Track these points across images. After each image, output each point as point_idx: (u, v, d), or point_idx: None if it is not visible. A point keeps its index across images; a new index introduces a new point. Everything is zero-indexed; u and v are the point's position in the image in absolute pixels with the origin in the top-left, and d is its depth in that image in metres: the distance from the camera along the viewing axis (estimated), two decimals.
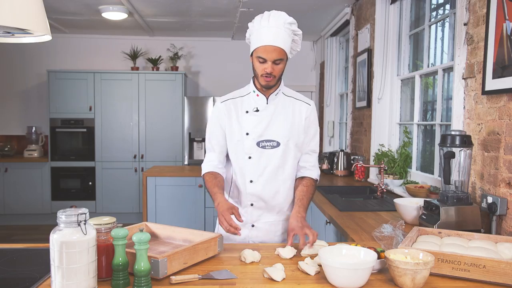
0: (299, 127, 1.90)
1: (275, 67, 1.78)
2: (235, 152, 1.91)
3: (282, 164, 1.88)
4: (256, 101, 1.90)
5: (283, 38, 1.76)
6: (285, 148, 1.87)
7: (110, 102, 5.94)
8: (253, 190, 1.89)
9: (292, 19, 1.80)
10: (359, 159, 4.06)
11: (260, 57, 1.77)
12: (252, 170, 1.88)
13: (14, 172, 5.85)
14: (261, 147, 1.87)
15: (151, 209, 4.39)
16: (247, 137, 1.87)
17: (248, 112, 1.90)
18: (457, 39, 2.40)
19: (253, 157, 1.87)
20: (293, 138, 1.89)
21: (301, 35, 1.85)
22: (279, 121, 1.88)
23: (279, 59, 1.77)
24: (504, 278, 1.32)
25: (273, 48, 1.74)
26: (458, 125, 2.39)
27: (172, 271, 1.38)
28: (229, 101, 1.94)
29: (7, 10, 1.11)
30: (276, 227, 1.93)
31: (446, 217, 1.94)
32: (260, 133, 1.87)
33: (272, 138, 1.87)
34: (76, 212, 1.19)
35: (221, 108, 1.93)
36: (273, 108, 1.90)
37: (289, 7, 4.89)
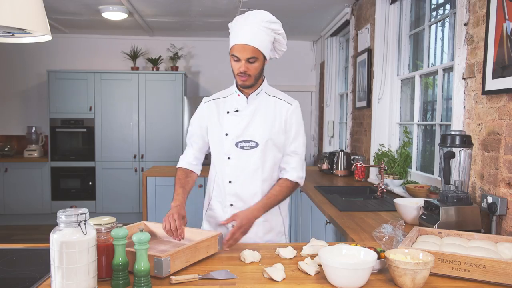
0: (279, 127, 1.88)
1: (249, 66, 1.77)
2: (216, 152, 1.94)
3: (260, 165, 1.87)
4: (237, 101, 1.91)
5: (257, 37, 1.75)
6: (263, 148, 1.86)
7: (110, 102, 5.94)
8: (232, 190, 1.90)
9: (273, 18, 1.79)
10: (359, 159, 4.06)
11: (234, 56, 1.78)
12: (231, 171, 1.88)
13: (14, 172, 5.85)
14: (239, 148, 1.87)
15: (151, 209, 4.38)
16: (226, 137, 1.88)
17: (228, 112, 1.90)
18: (457, 39, 2.40)
19: (232, 157, 1.88)
20: (272, 139, 1.87)
21: (283, 34, 1.84)
22: (258, 121, 1.87)
23: (253, 58, 1.76)
24: (504, 278, 1.32)
25: (246, 47, 1.74)
26: (458, 125, 2.39)
27: (175, 270, 1.39)
28: (212, 101, 1.96)
29: (7, 10, 1.11)
30: (256, 228, 1.89)
31: (446, 217, 1.94)
32: (238, 133, 1.87)
33: (250, 139, 1.86)
34: (76, 212, 1.19)
35: (203, 108, 1.97)
36: (253, 108, 1.89)
37: (289, 7, 4.89)
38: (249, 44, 1.74)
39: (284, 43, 1.87)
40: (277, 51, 1.90)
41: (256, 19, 1.76)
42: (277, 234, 1.98)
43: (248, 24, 1.75)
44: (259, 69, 1.81)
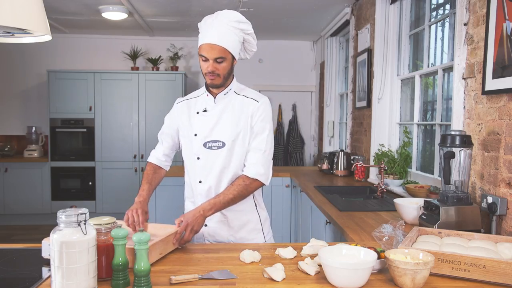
0: (246, 126, 1.87)
1: (217, 65, 1.78)
2: (186, 153, 1.96)
3: (227, 165, 1.87)
4: (206, 101, 1.92)
5: (225, 37, 1.76)
6: (230, 148, 1.86)
7: (110, 102, 5.94)
8: (202, 190, 1.91)
9: (242, 18, 1.80)
10: (359, 159, 4.06)
11: (201, 55, 1.79)
12: (200, 171, 1.90)
13: (14, 172, 5.85)
14: (207, 148, 1.88)
15: (151, 209, 4.38)
16: (195, 138, 1.90)
17: (198, 113, 1.92)
18: (457, 39, 2.40)
19: (201, 157, 1.90)
20: (239, 138, 1.86)
21: (253, 35, 1.85)
22: (225, 121, 1.87)
23: (221, 58, 1.77)
24: (504, 278, 1.32)
25: (214, 47, 1.75)
26: (458, 125, 2.39)
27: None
28: (184, 102, 1.99)
29: (7, 10, 1.11)
30: (228, 225, 1.92)
31: (446, 217, 1.94)
32: (206, 134, 1.88)
33: (217, 139, 1.87)
34: (76, 212, 1.19)
35: (175, 109, 2.01)
36: (220, 108, 1.89)
37: (289, 7, 4.89)
38: (216, 44, 1.75)
39: (254, 44, 1.89)
40: (247, 51, 1.92)
41: (225, 19, 1.77)
42: (251, 231, 1.96)
43: (216, 24, 1.76)
44: (228, 68, 1.82)
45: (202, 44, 1.78)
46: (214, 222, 1.92)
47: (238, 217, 1.93)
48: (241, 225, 1.94)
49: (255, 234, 1.97)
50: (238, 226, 1.94)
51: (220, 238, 1.93)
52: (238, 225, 1.94)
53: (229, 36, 1.77)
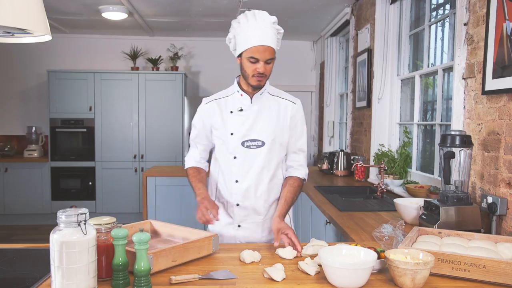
0: (284, 126, 1.90)
1: (266, 66, 1.78)
2: (220, 152, 1.92)
3: (267, 164, 1.88)
4: (241, 100, 1.90)
5: (271, 37, 1.76)
6: (270, 147, 1.87)
7: (110, 102, 5.94)
8: (238, 190, 1.89)
9: (275, 18, 1.81)
10: (359, 159, 4.06)
11: (252, 57, 1.76)
12: (238, 170, 1.88)
13: (14, 172, 5.85)
14: (246, 147, 1.87)
15: (151, 209, 4.38)
16: (231, 137, 1.88)
17: (232, 112, 1.90)
18: (457, 39, 2.40)
19: (238, 157, 1.88)
20: (278, 137, 1.88)
21: (282, 34, 1.85)
22: (263, 120, 1.88)
23: (271, 59, 1.78)
24: (504, 278, 1.32)
25: (265, 48, 1.74)
26: (458, 125, 2.39)
27: (159, 268, 1.40)
28: (213, 102, 1.95)
29: (7, 10, 1.11)
30: (262, 226, 1.93)
31: (446, 217, 1.94)
32: (244, 132, 1.87)
33: (256, 138, 1.87)
34: (76, 212, 1.19)
35: (205, 109, 1.95)
36: (257, 107, 1.89)
37: (289, 7, 4.89)
38: (268, 45, 1.74)
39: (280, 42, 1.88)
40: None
41: (267, 20, 1.77)
42: None
43: (261, 26, 1.75)
44: (272, 69, 1.83)
45: (253, 46, 1.74)
46: (249, 224, 1.92)
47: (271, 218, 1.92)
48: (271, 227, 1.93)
49: None
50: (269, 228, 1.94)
51: (253, 239, 1.92)
52: (269, 228, 1.94)
53: (274, 36, 1.78)
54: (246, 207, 1.90)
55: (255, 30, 1.74)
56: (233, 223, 1.93)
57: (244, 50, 1.78)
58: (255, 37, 1.74)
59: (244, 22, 1.78)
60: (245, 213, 1.91)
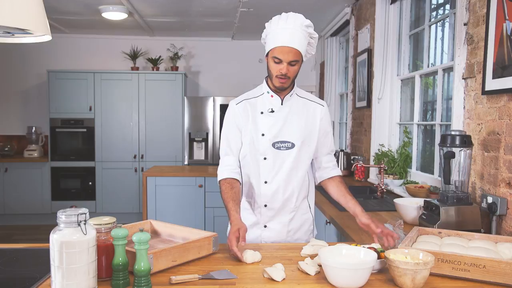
0: (314, 128, 1.91)
1: (290, 68, 1.77)
2: (249, 153, 1.90)
3: (296, 165, 1.88)
4: (271, 102, 1.90)
5: (299, 39, 1.75)
6: (299, 149, 1.87)
7: (110, 102, 5.94)
8: (267, 191, 1.89)
9: (310, 22, 1.80)
10: (359, 159, 4.05)
11: (276, 58, 1.76)
12: (267, 171, 1.87)
13: (14, 172, 5.85)
14: (276, 148, 1.87)
15: (151, 209, 4.38)
16: (262, 137, 1.87)
17: (263, 113, 1.89)
18: (457, 39, 2.40)
19: (268, 158, 1.87)
20: (307, 140, 1.89)
21: (317, 38, 1.85)
22: (294, 122, 1.88)
23: (295, 61, 1.77)
24: (504, 278, 1.32)
25: (289, 49, 1.74)
26: (458, 125, 2.39)
27: (159, 268, 1.40)
28: (244, 102, 1.93)
29: (7, 10, 1.11)
30: (288, 227, 1.93)
31: (446, 217, 1.94)
32: (275, 134, 1.86)
33: (287, 139, 1.87)
34: (76, 212, 1.19)
35: (236, 109, 1.91)
36: (287, 109, 1.89)
37: (289, 7, 4.88)
38: (293, 47, 1.74)
39: (315, 47, 1.88)
40: (306, 54, 1.90)
41: (297, 22, 1.77)
42: (306, 232, 1.98)
43: (289, 27, 1.75)
44: (297, 71, 1.82)
45: (277, 46, 1.74)
46: (275, 224, 1.91)
47: (297, 218, 1.94)
48: (299, 226, 1.95)
49: (308, 235, 1.99)
50: (296, 227, 1.95)
51: (278, 239, 1.92)
52: (296, 227, 1.95)
53: (303, 40, 1.77)
54: (274, 208, 1.90)
55: (283, 30, 1.75)
56: (259, 223, 1.92)
57: (270, 50, 1.78)
58: (281, 38, 1.74)
59: (276, 22, 1.79)
60: (272, 213, 1.91)
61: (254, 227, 1.93)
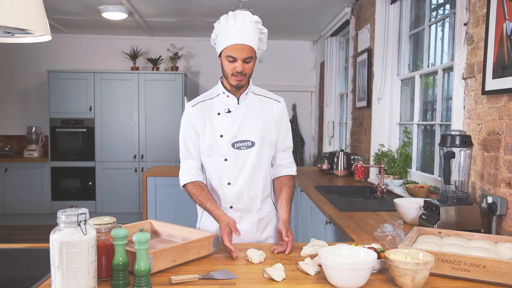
0: (271, 125, 1.90)
1: (245, 65, 1.78)
2: (210, 155, 1.88)
3: (258, 164, 1.88)
4: (227, 102, 1.89)
5: (251, 36, 1.76)
6: (260, 147, 1.87)
7: (110, 102, 5.94)
8: (231, 192, 1.88)
9: (258, 17, 1.80)
10: (359, 159, 4.05)
11: (230, 56, 1.76)
12: (229, 172, 1.87)
13: (14, 172, 5.85)
14: (236, 148, 1.86)
15: (151, 209, 4.38)
16: (221, 139, 1.85)
17: (219, 114, 1.88)
18: (457, 39, 2.40)
19: (229, 159, 1.86)
20: (267, 137, 1.88)
21: (266, 34, 1.84)
22: (252, 120, 1.87)
23: (249, 57, 1.77)
24: (504, 278, 1.32)
25: (243, 47, 1.74)
26: (458, 125, 2.39)
27: (159, 268, 1.40)
28: (200, 104, 1.91)
29: (7, 10, 1.11)
30: (257, 226, 1.93)
31: (446, 217, 1.94)
32: (234, 134, 1.86)
33: (246, 138, 1.86)
34: (76, 212, 1.19)
35: (192, 112, 1.90)
36: (244, 108, 1.88)
37: (289, 7, 4.89)
38: (246, 44, 1.74)
39: (265, 42, 1.88)
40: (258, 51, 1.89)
41: (246, 19, 1.77)
42: (274, 229, 1.97)
43: (239, 24, 1.75)
44: (252, 68, 1.83)
45: (230, 45, 1.74)
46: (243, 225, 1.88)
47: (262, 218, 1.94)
48: (265, 225, 1.96)
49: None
50: (263, 226, 1.96)
51: (249, 239, 1.91)
52: (263, 226, 1.95)
53: (254, 36, 1.77)
54: (240, 209, 1.89)
55: (233, 28, 1.75)
56: None
57: (223, 49, 1.78)
58: (232, 36, 1.74)
59: (224, 22, 1.79)
60: (239, 214, 1.89)
61: None
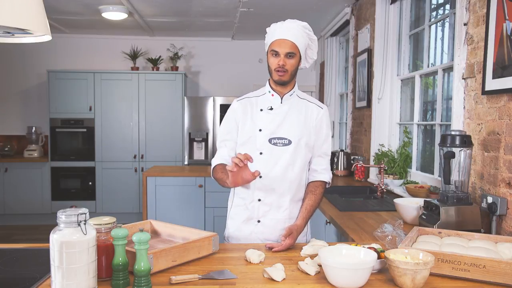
0: (310, 128, 1.93)
1: (287, 60, 1.83)
2: (245, 148, 1.91)
3: (292, 162, 1.90)
4: (271, 100, 1.94)
5: (295, 34, 1.83)
6: (296, 146, 1.89)
7: (110, 102, 5.94)
8: (262, 185, 1.90)
9: (307, 24, 1.88)
10: (359, 159, 4.05)
11: (273, 51, 1.83)
12: (262, 166, 1.88)
13: (14, 172, 5.85)
14: (272, 144, 1.89)
15: (151, 209, 4.38)
16: (259, 133, 1.90)
17: (262, 110, 1.94)
18: (457, 39, 2.40)
19: (264, 153, 1.89)
20: (304, 138, 1.91)
21: (316, 41, 1.92)
22: (291, 120, 1.91)
23: (291, 53, 1.82)
24: (504, 278, 1.32)
25: (286, 41, 1.82)
26: (458, 125, 2.39)
27: (159, 268, 1.40)
28: (245, 99, 1.99)
29: (7, 10, 1.11)
30: (282, 225, 1.92)
31: (446, 217, 1.94)
32: (272, 130, 1.90)
33: (284, 136, 1.89)
34: (76, 212, 1.19)
35: (236, 106, 1.97)
36: (287, 107, 1.93)
37: (289, 7, 4.89)
38: (288, 39, 1.82)
39: (315, 52, 1.94)
40: (308, 59, 1.95)
41: (295, 22, 1.86)
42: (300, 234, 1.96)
43: (287, 24, 1.85)
44: (295, 66, 1.87)
45: (274, 40, 1.83)
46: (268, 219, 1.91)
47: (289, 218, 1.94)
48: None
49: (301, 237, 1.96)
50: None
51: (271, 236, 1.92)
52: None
53: (299, 35, 1.84)
54: (267, 203, 1.91)
55: (277, 28, 1.85)
56: (252, 218, 1.93)
57: (269, 46, 1.87)
58: (278, 32, 1.83)
59: (274, 25, 1.89)
60: (266, 208, 1.91)
61: (247, 223, 1.93)
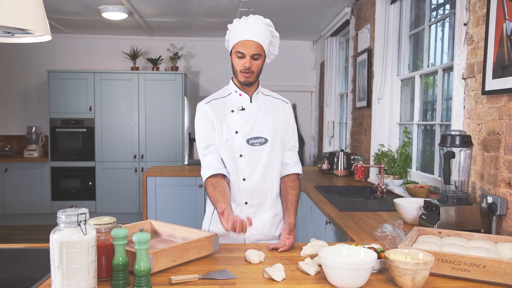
0: (281, 123, 1.96)
1: (253, 62, 1.82)
2: (224, 152, 1.90)
3: (270, 161, 1.91)
4: (240, 100, 1.93)
5: (260, 34, 1.81)
6: (272, 144, 1.91)
7: (110, 102, 5.94)
8: (247, 188, 1.90)
9: (269, 21, 1.86)
10: (359, 159, 4.05)
11: (238, 52, 1.81)
12: (244, 168, 1.89)
13: (14, 172, 5.85)
14: (250, 145, 1.89)
15: (151, 209, 4.38)
16: (236, 135, 1.89)
17: (233, 111, 1.92)
18: (457, 39, 2.40)
19: (244, 154, 1.89)
20: (278, 134, 1.93)
21: (278, 38, 1.90)
22: (263, 118, 1.92)
23: (257, 54, 1.81)
24: (504, 278, 1.32)
25: (252, 43, 1.80)
26: (458, 125, 2.39)
27: (159, 268, 1.40)
28: (213, 101, 1.95)
29: (7, 10, 1.11)
30: (271, 223, 1.94)
31: (446, 217, 1.94)
32: (248, 130, 1.89)
33: (260, 135, 1.90)
34: (76, 212, 1.19)
35: (207, 109, 1.92)
36: (256, 106, 1.93)
37: (289, 7, 4.89)
38: (254, 40, 1.80)
39: (277, 47, 1.94)
40: (269, 55, 1.94)
41: (258, 20, 1.84)
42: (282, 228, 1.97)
43: (251, 23, 1.82)
44: (261, 66, 1.87)
45: (239, 41, 1.81)
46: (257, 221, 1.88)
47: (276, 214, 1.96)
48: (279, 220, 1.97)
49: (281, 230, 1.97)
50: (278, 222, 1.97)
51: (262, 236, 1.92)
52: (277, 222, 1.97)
53: (264, 35, 1.83)
54: (254, 205, 1.91)
55: (241, 28, 1.82)
56: None
57: (233, 46, 1.84)
58: (242, 33, 1.81)
59: (237, 22, 1.86)
60: (253, 210, 1.91)
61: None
